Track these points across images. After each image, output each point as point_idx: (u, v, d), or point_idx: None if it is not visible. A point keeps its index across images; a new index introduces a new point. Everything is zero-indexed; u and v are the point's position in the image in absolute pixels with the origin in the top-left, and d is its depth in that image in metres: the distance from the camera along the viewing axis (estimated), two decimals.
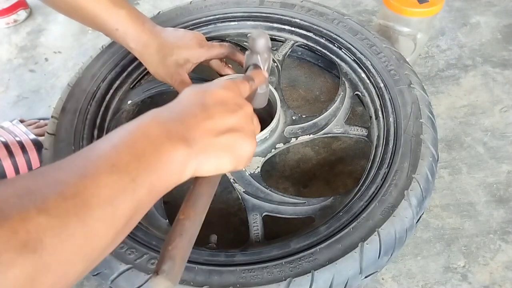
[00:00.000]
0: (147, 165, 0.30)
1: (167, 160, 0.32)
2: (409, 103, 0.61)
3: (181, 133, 0.34)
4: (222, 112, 0.37)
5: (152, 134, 0.32)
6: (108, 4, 0.56)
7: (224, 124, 0.37)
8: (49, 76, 0.93)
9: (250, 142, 0.39)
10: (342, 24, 0.74)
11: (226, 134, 0.36)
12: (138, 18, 0.59)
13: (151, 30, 0.60)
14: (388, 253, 0.49)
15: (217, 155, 0.36)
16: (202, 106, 0.37)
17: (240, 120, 0.38)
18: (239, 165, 0.39)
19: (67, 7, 0.57)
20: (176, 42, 0.61)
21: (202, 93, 0.38)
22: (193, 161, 0.34)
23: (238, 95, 0.41)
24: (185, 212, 0.35)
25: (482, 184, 0.70)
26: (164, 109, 0.36)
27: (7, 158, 0.69)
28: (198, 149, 0.34)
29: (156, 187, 0.31)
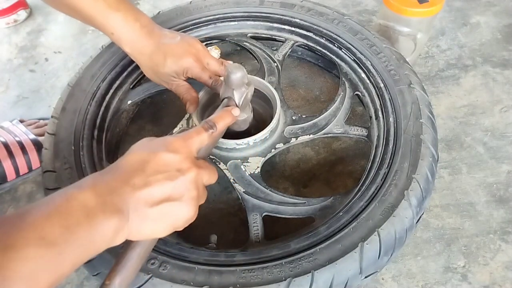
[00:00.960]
0: (77, 238, 0.30)
1: (99, 231, 0.32)
2: (409, 103, 0.61)
3: (116, 204, 0.34)
4: (160, 180, 0.37)
5: (88, 204, 0.32)
6: (104, 7, 0.55)
7: (160, 193, 0.36)
8: (49, 76, 0.93)
9: (187, 209, 0.39)
10: (342, 24, 0.74)
11: (161, 204, 0.36)
12: (136, 21, 0.57)
13: (148, 35, 0.58)
14: (388, 253, 0.49)
15: (151, 223, 0.36)
16: (141, 173, 0.36)
17: (178, 187, 0.38)
18: (176, 228, 0.39)
19: (67, 8, 0.56)
20: (170, 52, 0.59)
21: (144, 157, 0.38)
22: (125, 229, 0.34)
23: (184, 158, 0.39)
24: (110, 278, 0.36)
25: (482, 184, 0.70)
26: (104, 174, 0.36)
27: (7, 159, 0.69)
28: (131, 218, 0.35)
29: (81, 257, 0.31)
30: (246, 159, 0.62)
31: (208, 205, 0.69)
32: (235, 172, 0.61)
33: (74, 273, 0.63)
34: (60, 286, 0.62)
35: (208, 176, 0.43)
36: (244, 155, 0.63)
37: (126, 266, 0.37)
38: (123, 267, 0.37)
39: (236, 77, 0.48)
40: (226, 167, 0.62)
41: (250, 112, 0.56)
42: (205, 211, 0.68)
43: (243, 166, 0.62)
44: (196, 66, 0.59)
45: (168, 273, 0.47)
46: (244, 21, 0.79)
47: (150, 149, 0.39)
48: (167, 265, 0.48)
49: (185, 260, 0.49)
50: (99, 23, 0.56)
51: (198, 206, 0.41)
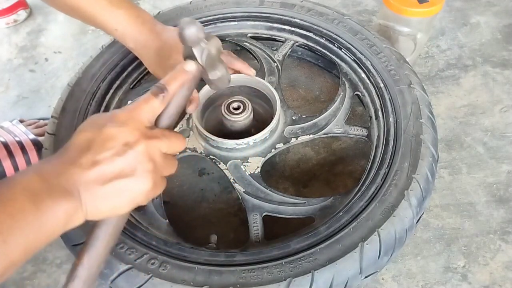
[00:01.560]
0: (23, 224, 0.29)
1: (49, 215, 0.31)
2: (409, 103, 0.61)
3: (64, 186, 0.33)
4: (108, 157, 0.35)
5: (33, 189, 0.31)
6: (106, 4, 0.56)
7: (110, 170, 0.35)
8: (49, 76, 0.93)
9: (143, 182, 0.37)
10: (342, 24, 0.74)
11: (113, 181, 0.35)
12: (138, 17, 0.58)
13: (151, 30, 0.59)
14: (388, 253, 0.49)
15: (108, 201, 0.35)
16: (87, 152, 0.35)
17: (129, 162, 0.36)
18: (139, 203, 0.38)
19: (68, 8, 0.57)
20: (175, 45, 0.59)
21: (90, 135, 0.36)
22: (80, 211, 0.34)
23: (132, 129, 0.37)
24: (79, 257, 0.37)
25: (482, 184, 0.70)
26: (50, 159, 0.35)
27: (7, 159, 0.69)
28: (85, 199, 0.34)
29: (33, 244, 0.31)
30: (246, 159, 0.62)
31: (208, 205, 0.69)
32: (235, 172, 0.61)
33: None
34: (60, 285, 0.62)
35: (168, 145, 0.40)
36: (244, 155, 0.63)
37: (94, 245, 0.37)
38: (92, 246, 0.37)
39: (190, 32, 0.43)
40: (226, 167, 0.62)
41: (226, 71, 0.51)
42: (205, 211, 0.68)
43: (243, 166, 0.62)
44: None
45: (168, 273, 0.47)
46: (244, 21, 0.79)
47: (95, 126, 0.37)
48: (167, 265, 0.48)
49: (185, 260, 0.49)
50: (101, 20, 0.57)
51: (159, 178, 0.39)
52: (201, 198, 0.70)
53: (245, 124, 0.65)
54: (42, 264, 0.64)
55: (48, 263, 0.64)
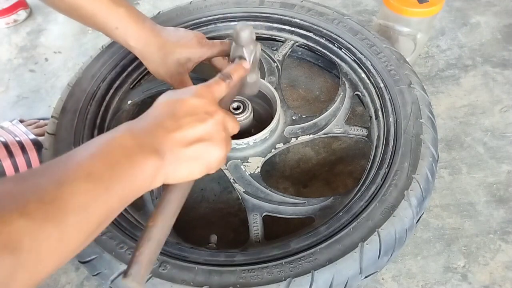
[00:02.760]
0: (120, 175, 0.32)
1: (139, 170, 0.33)
2: (409, 103, 0.61)
3: (152, 145, 0.35)
4: (191, 122, 0.38)
5: (127, 145, 0.34)
6: (107, 3, 0.56)
7: (192, 134, 0.38)
8: (49, 76, 0.93)
9: (219, 149, 0.40)
10: (342, 24, 0.74)
11: (195, 144, 0.38)
12: (138, 16, 0.59)
13: (151, 29, 0.60)
14: (388, 253, 0.49)
15: (187, 164, 0.38)
16: (172, 117, 0.38)
17: (209, 128, 0.39)
18: (210, 170, 0.41)
19: (67, 7, 0.56)
20: (178, 41, 0.61)
21: (173, 103, 0.39)
22: (163, 171, 0.36)
23: (210, 102, 0.41)
24: (154, 219, 0.38)
25: (482, 184, 0.70)
26: (137, 121, 0.38)
27: (7, 158, 0.69)
28: (168, 159, 0.36)
29: (127, 195, 0.33)
30: (246, 159, 0.62)
31: (208, 205, 0.69)
32: (235, 172, 0.61)
33: (74, 273, 0.63)
34: (60, 285, 0.62)
35: (232, 123, 0.44)
36: (244, 155, 0.63)
37: (167, 207, 0.39)
38: (164, 209, 0.39)
39: (245, 34, 0.50)
40: (226, 167, 0.62)
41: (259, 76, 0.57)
42: (205, 211, 0.68)
43: (243, 166, 0.62)
44: (205, 44, 0.62)
45: (168, 273, 0.47)
46: (244, 21, 0.79)
47: (176, 96, 0.40)
48: (167, 265, 0.48)
49: (185, 260, 0.49)
50: (101, 19, 0.57)
51: (228, 148, 0.42)
52: (201, 198, 0.70)
53: (245, 124, 0.65)
54: None
55: None
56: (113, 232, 0.51)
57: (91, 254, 0.49)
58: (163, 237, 0.38)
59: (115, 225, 0.52)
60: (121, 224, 0.53)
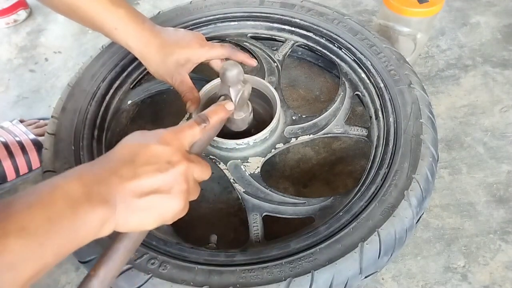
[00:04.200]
0: (59, 228, 0.30)
1: (83, 222, 0.31)
2: (409, 103, 0.61)
3: (103, 194, 0.33)
4: (149, 172, 0.36)
5: (73, 194, 0.32)
6: (107, 4, 0.56)
7: (149, 185, 0.36)
8: (49, 76, 0.93)
9: (177, 202, 0.38)
10: (342, 24, 0.74)
11: (150, 196, 0.36)
12: (138, 17, 0.59)
13: (151, 29, 0.60)
14: (388, 253, 0.49)
15: (139, 214, 0.36)
16: (130, 164, 0.36)
17: (168, 179, 0.37)
18: (165, 222, 0.39)
19: (66, 8, 0.56)
20: (177, 42, 0.60)
21: (134, 149, 0.38)
22: (112, 220, 0.34)
23: (175, 150, 0.39)
24: (95, 268, 0.36)
25: (482, 184, 0.70)
26: (92, 165, 0.36)
27: (7, 159, 0.69)
28: (119, 209, 0.34)
29: (65, 249, 0.31)
30: (246, 159, 0.62)
31: (208, 205, 0.69)
32: (235, 172, 0.61)
33: (74, 273, 0.63)
34: (60, 285, 0.62)
35: (200, 172, 0.42)
36: (244, 155, 0.63)
37: (112, 258, 0.37)
38: (109, 259, 0.37)
39: (232, 74, 0.48)
40: (226, 167, 0.62)
41: (249, 112, 0.56)
42: (205, 211, 0.68)
43: (243, 166, 0.62)
44: (204, 46, 0.62)
45: (168, 273, 0.47)
46: (244, 21, 0.79)
47: (140, 140, 0.39)
48: (167, 265, 0.48)
49: (185, 260, 0.49)
50: (100, 20, 0.57)
51: (188, 201, 0.40)
52: (201, 198, 0.70)
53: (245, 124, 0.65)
54: None
55: None
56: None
57: (91, 254, 0.49)
58: None
59: None
60: None
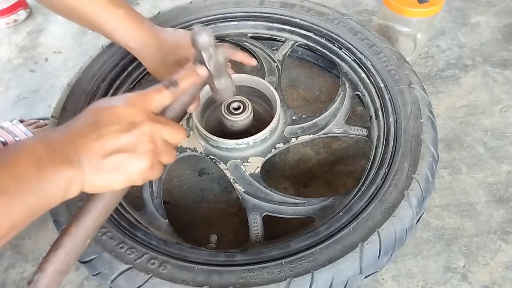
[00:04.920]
0: (26, 187, 0.31)
1: (49, 181, 0.32)
2: (409, 103, 0.61)
3: (67, 155, 0.34)
4: (112, 132, 0.36)
5: (37, 155, 0.32)
6: (106, 4, 0.56)
7: (112, 144, 0.36)
8: (49, 76, 0.93)
9: (141, 161, 0.38)
10: (342, 24, 0.74)
11: (114, 155, 0.36)
12: (137, 17, 0.59)
13: (150, 30, 0.60)
14: (388, 253, 0.49)
15: (105, 174, 0.36)
16: (93, 126, 0.36)
17: (131, 139, 0.37)
18: (132, 182, 0.39)
19: (65, 9, 0.56)
20: (177, 42, 0.60)
21: (98, 111, 0.38)
22: (78, 181, 0.34)
23: (139, 111, 0.39)
24: (66, 228, 0.37)
25: (482, 184, 0.70)
26: (57, 128, 0.37)
27: None
28: (84, 169, 0.35)
29: (34, 207, 0.32)
30: (246, 159, 0.62)
31: (208, 205, 0.69)
32: (235, 172, 0.61)
33: (74, 273, 0.63)
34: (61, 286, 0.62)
35: (170, 134, 0.41)
36: (244, 155, 0.63)
37: (83, 217, 0.37)
38: (80, 218, 0.37)
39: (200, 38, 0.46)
40: (226, 167, 0.62)
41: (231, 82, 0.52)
42: (205, 211, 0.68)
43: (243, 166, 0.62)
44: None
45: (168, 273, 0.47)
46: (244, 21, 0.79)
47: (105, 103, 0.39)
48: (167, 265, 0.48)
49: (185, 260, 0.49)
50: (100, 20, 0.57)
51: (157, 161, 0.40)
52: (201, 198, 0.70)
53: (245, 124, 0.65)
54: None
55: None
56: (113, 232, 0.51)
57: (91, 254, 0.49)
58: (74, 249, 0.37)
59: (115, 225, 0.52)
60: (121, 224, 0.53)
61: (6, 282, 0.62)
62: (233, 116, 0.63)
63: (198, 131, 0.64)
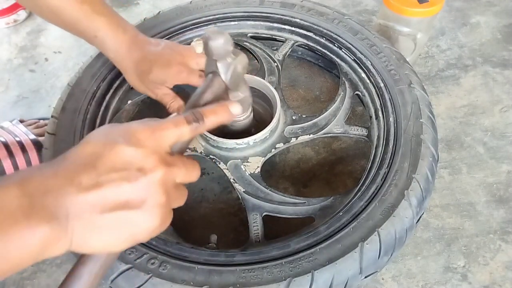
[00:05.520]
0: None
1: (17, 243, 0.25)
2: (409, 103, 0.61)
3: (49, 208, 0.27)
4: (114, 180, 0.29)
5: (7, 207, 0.26)
6: (88, 11, 0.54)
7: (114, 197, 0.29)
8: (49, 76, 0.93)
9: (150, 219, 0.31)
10: (342, 24, 0.74)
11: (116, 211, 0.29)
12: (119, 27, 0.56)
13: (132, 41, 0.57)
14: (388, 253, 0.49)
15: (103, 233, 0.29)
16: (91, 170, 0.29)
17: (139, 191, 0.30)
18: (138, 241, 0.32)
19: (49, 12, 0.54)
20: (156, 60, 0.57)
21: (99, 150, 0.30)
22: (63, 240, 0.28)
23: (150, 153, 0.31)
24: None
25: (482, 184, 0.70)
26: (43, 169, 0.29)
27: (7, 158, 0.69)
28: (73, 227, 0.28)
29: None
30: (246, 159, 0.62)
31: (208, 205, 0.69)
32: (235, 172, 0.61)
33: None
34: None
35: (184, 174, 0.34)
36: (244, 155, 0.63)
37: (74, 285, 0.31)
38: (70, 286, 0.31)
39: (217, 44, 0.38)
40: (226, 166, 0.62)
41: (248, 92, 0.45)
42: (205, 211, 0.68)
43: (243, 166, 0.62)
44: (183, 71, 0.58)
45: (168, 273, 0.47)
46: (244, 21, 0.79)
47: (107, 139, 0.31)
48: (167, 265, 0.48)
49: (185, 260, 0.49)
50: (81, 26, 0.55)
51: (168, 213, 0.33)
52: (201, 198, 0.70)
53: (245, 124, 0.65)
54: (42, 264, 0.64)
55: (48, 263, 0.64)
56: None
57: None
58: None
59: None
60: None
61: (6, 282, 0.63)
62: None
63: None
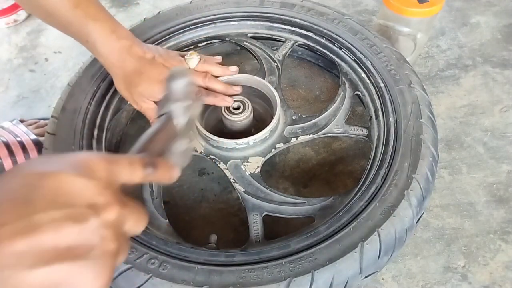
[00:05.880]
0: None
1: None
2: (409, 103, 0.61)
3: None
4: (56, 220, 0.22)
5: None
6: (82, 15, 0.53)
7: (52, 243, 0.21)
8: (49, 76, 0.93)
9: (98, 274, 0.23)
10: (342, 24, 0.74)
11: (52, 264, 0.21)
12: (113, 32, 0.55)
13: (125, 50, 0.55)
14: (388, 253, 0.49)
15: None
16: (21, 207, 0.21)
17: (88, 235, 0.23)
18: None
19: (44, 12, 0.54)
20: (146, 75, 0.56)
21: (35, 180, 0.23)
22: None
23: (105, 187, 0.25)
24: None
25: (482, 184, 0.70)
26: None
27: (8, 158, 0.69)
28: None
29: None
30: (246, 159, 0.62)
31: (208, 205, 0.69)
32: (235, 172, 0.61)
33: None
34: None
35: (135, 220, 0.27)
36: (244, 155, 0.63)
37: None
38: None
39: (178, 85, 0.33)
40: (226, 167, 0.62)
41: (191, 144, 0.40)
42: (205, 211, 0.68)
43: (243, 166, 0.62)
44: None
45: (168, 273, 0.47)
46: (244, 21, 0.79)
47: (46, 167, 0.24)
48: (167, 265, 0.48)
49: (185, 260, 0.49)
50: (75, 29, 0.54)
51: (113, 268, 0.25)
52: (201, 198, 0.70)
53: (245, 124, 0.65)
54: None
55: None
56: None
57: None
58: None
59: None
60: None
61: None
62: (233, 116, 0.63)
63: (198, 131, 0.64)
